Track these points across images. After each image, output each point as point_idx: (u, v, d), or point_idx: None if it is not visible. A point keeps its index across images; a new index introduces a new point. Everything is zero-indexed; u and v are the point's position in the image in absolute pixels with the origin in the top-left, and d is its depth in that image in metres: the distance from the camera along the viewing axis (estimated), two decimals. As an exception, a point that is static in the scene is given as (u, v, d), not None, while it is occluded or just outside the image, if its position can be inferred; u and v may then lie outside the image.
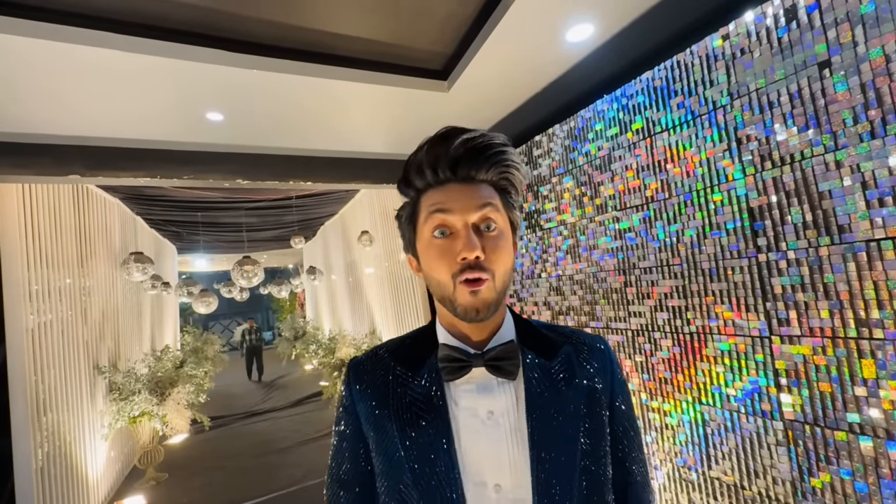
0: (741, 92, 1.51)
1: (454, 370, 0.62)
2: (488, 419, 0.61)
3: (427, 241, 0.62)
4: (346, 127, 2.76)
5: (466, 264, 0.58)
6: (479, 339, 0.65)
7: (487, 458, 0.60)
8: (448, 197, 0.61)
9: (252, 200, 4.99)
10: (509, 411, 0.62)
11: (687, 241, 1.72)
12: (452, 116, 2.70)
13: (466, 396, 0.63)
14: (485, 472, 0.60)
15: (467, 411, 0.62)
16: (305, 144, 2.97)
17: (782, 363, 1.43)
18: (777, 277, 1.43)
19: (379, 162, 3.41)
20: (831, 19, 1.27)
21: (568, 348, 0.69)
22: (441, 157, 0.61)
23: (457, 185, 0.62)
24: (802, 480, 1.39)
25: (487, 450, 0.60)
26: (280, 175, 3.05)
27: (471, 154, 0.61)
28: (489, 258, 0.59)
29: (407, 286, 4.67)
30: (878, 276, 1.20)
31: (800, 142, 1.36)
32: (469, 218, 0.60)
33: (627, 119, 1.95)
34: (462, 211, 0.60)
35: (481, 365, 0.62)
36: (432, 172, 0.63)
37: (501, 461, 0.60)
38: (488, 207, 0.61)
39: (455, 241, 0.60)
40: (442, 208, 0.61)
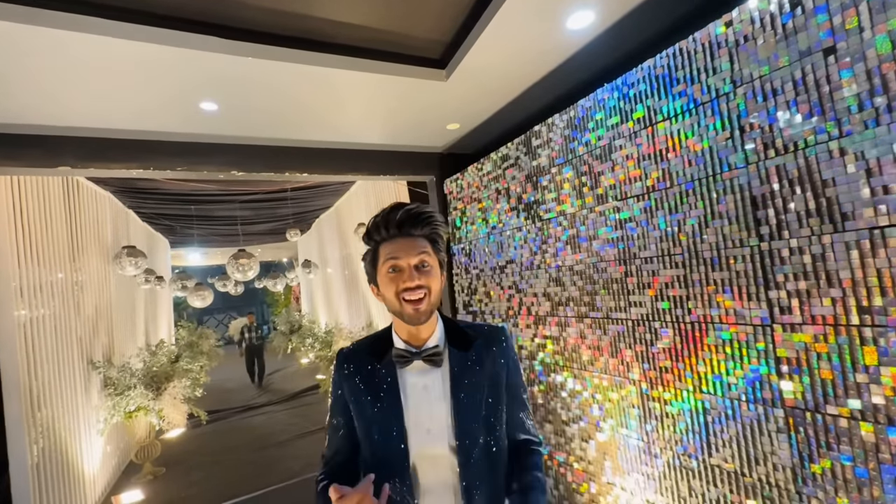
0: (744, 79, 1.50)
1: (403, 362, 1.03)
2: (424, 390, 1.02)
3: (384, 275, 1.00)
4: (343, 118, 2.72)
5: (407, 289, 0.96)
6: (418, 341, 1.05)
7: (422, 412, 1.01)
8: (397, 248, 0.98)
9: (247, 193, 4.94)
10: (436, 385, 1.02)
11: (688, 231, 1.71)
12: (450, 106, 2.68)
13: (410, 376, 1.03)
14: (422, 421, 1.00)
15: (412, 386, 1.02)
16: (301, 136, 2.92)
17: (784, 351, 1.43)
18: (779, 266, 1.43)
19: (375, 153, 3.37)
20: (837, 5, 1.26)
21: (479, 341, 1.08)
22: (392, 222, 0.99)
23: (402, 238, 1.00)
24: (803, 466, 1.40)
25: (423, 407, 1.01)
26: (275, 166, 3.01)
27: (411, 219, 0.99)
28: (426, 282, 0.98)
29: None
30: (882, 263, 1.20)
31: (804, 129, 1.35)
32: (411, 261, 0.97)
33: (628, 108, 1.93)
34: (406, 257, 0.98)
35: (419, 359, 1.03)
36: (386, 231, 1.00)
37: (432, 414, 1.01)
38: (423, 254, 0.99)
39: (401, 275, 0.98)
40: (393, 256, 0.99)
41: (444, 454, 0.99)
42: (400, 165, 3.49)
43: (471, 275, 3.27)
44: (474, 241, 3.20)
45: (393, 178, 3.60)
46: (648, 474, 1.95)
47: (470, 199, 3.23)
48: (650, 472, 1.94)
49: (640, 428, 1.97)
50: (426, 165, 3.60)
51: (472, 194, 3.22)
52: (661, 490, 1.89)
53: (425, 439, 0.99)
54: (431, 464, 0.99)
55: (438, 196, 3.62)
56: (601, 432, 2.19)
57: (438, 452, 0.99)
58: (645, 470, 1.96)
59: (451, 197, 3.53)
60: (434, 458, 0.99)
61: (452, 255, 3.51)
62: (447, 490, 0.99)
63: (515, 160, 2.70)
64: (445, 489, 0.99)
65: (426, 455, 0.99)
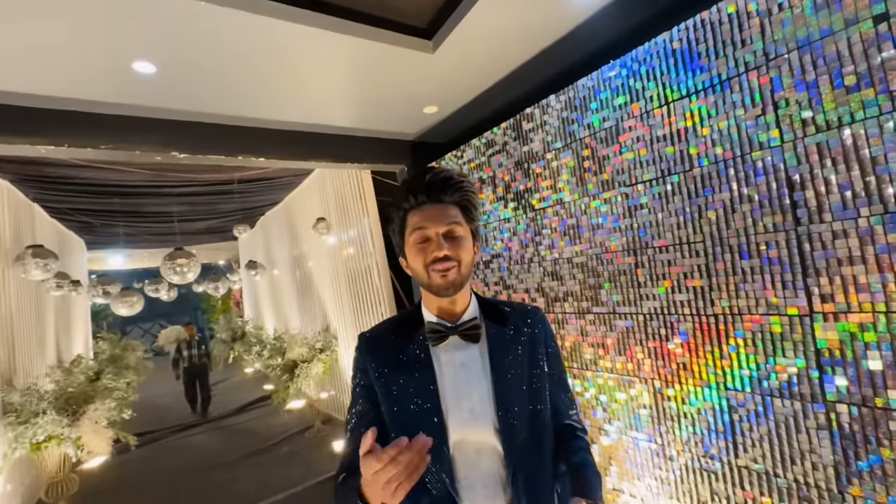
0: (779, 51, 1.39)
1: (437, 338, 0.92)
2: (462, 368, 0.91)
3: (411, 246, 0.91)
4: (306, 92, 2.37)
5: (435, 259, 0.87)
6: (452, 316, 0.94)
7: (461, 390, 0.90)
8: (426, 217, 0.89)
9: (183, 184, 4.34)
10: (475, 362, 0.92)
11: (711, 217, 1.60)
12: (432, 85, 2.42)
13: (445, 353, 0.92)
14: (460, 399, 0.89)
15: (447, 364, 0.92)
16: (256, 113, 2.53)
17: (825, 342, 1.34)
18: (820, 251, 1.34)
19: (340, 138, 3.03)
20: (890, -32, 1.17)
21: (516, 317, 0.99)
22: (420, 187, 0.91)
23: (431, 205, 0.91)
24: (847, 465, 1.31)
25: (461, 385, 0.90)
26: (226, 148, 2.58)
27: (440, 184, 0.91)
28: (456, 252, 0.88)
29: (367, 278, 4.32)
30: (942, 244, 1.12)
31: (850, 104, 1.26)
32: (440, 230, 0.88)
33: (640, 86, 1.80)
34: (435, 226, 0.89)
35: (455, 334, 0.92)
36: (414, 198, 0.91)
37: (471, 391, 0.90)
38: (453, 223, 0.90)
39: (429, 245, 0.89)
40: (421, 225, 0.89)
41: (488, 436, 0.89)
42: (368, 153, 3.17)
43: (449, 271, 3.03)
44: (453, 234, 2.97)
45: (360, 166, 3.27)
46: (662, 478, 1.82)
47: (448, 190, 2.99)
48: (664, 476, 1.81)
49: (654, 429, 1.84)
50: (396, 154, 3.30)
51: (450, 184, 2.98)
52: (677, 495, 1.77)
53: (467, 420, 0.88)
54: (474, 448, 0.88)
55: (410, 187, 3.34)
56: (605, 435, 2.04)
57: (481, 435, 0.89)
58: (658, 474, 1.83)
59: (424, 188, 3.26)
60: (476, 443, 0.89)
61: (428, 250, 3.25)
62: (491, 478, 0.88)
63: (503, 146, 2.50)
64: (489, 476, 0.88)
65: (468, 439, 0.89)
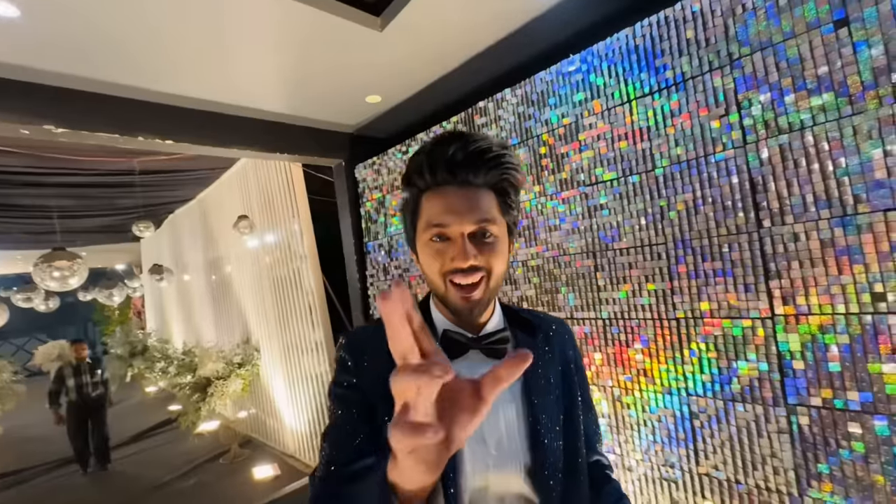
0: (742, 52, 1.38)
1: (454, 353, 0.68)
2: None
3: (425, 242, 0.67)
4: (227, 65, 2.03)
5: (457, 270, 0.64)
6: (472, 326, 0.71)
7: (486, 422, 0.64)
8: (447, 208, 0.65)
9: (68, 172, 3.62)
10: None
11: (674, 218, 1.56)
12: (377, 69, 2.20)
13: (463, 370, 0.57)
14: (485, 433, 0.66)
15: None
16: (163, 85, 2.12)
17: (787, 345, 1.33)
18: (783, 254, 1.33)
19: (269, 125, 2.68)
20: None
21: (544, 328, 0.79)
22: (440, 161, 0.65)
23: (456, 189, 0.66)
24: (807, 468, 1.30)
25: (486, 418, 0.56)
26: (122, 126, 2.13)
27: (470, 159, 0.65)
28: (487, 261, 0.65)
29: (295, 285, 3.92)
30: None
31: (811, 107, 1.26)
32: (466, 229, 0.64)
33: (601, 82, 1.73)
34: (459, 223, 0.64)
35: (478, 348, 0.69)
36: (431, 176, 0.67)
37: (498, 423, 0.67)
38: (485, 223, 0.65)
39: (450, 247, 0.65)
40: (439, 221, 0.65)
41: (516, 482, 0.66)
42: (300, 143, 2.84)
43: (391, 276, 2.80)
44: (396, 236, 2.75)
45: (290, 157, 2.93)
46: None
47: (392, 188, 2.77)
48: (623, 487, 1.74)
49: (612, 439, 1.77)
50: (333, 146, 3.01)
51: (393, 181, 2.76)
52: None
53: (494, 460, 0.65)
54: (496, 499, 0.65)
55: (348, 184, 3.07)
56: (561, 448, 1.94)
57: (509, 480, 0.66)
58: (617, 486, 1.76)
59: (364, 185, 3.01)
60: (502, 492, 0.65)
61: (367, 252, 3.00)
62: None
63: (453, 141, 2.34)
64: None
65: (491, 486, 0.65)
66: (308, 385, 3.90)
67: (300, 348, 3.96)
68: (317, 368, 3.77)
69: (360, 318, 3.05)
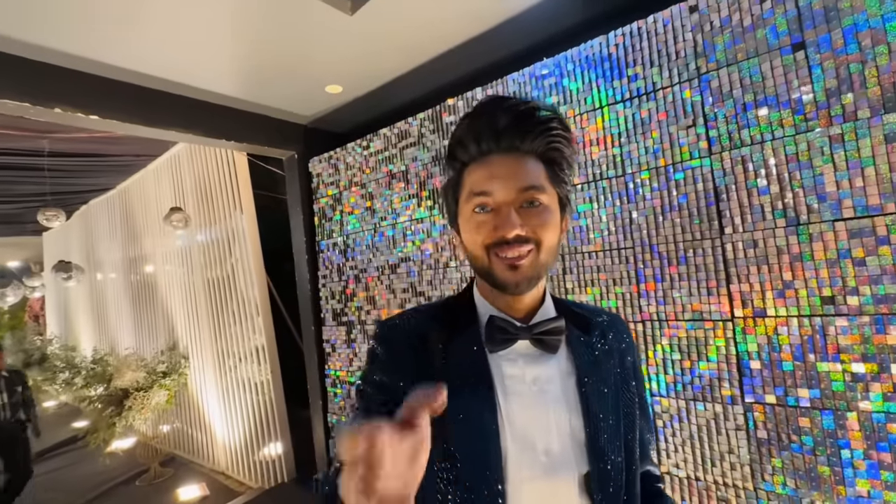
0: (710, 67, 1.45)
1: (501, 341, 0.62)
2: (534, 385, 0.62)
3: (468, 216, 0.62)
4: (173, 36, 1.82)
5: (502, 239, 0.58)
6: (521, 312, 0.65)
7: (535, 422, 0.60)
8: (491, 174, 0.60)
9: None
10: (553, 380, 0.63)
11: (642, 222, 1.60)
12: (342, 56, 2.08)
13: (510, 365, 0.63)
14: (534, 436, 0.60)
15: (513, 378, 0.62)
16: (90, 51, 1.84)
17: (744, 346, 1.40)
18: (743, 259, 1.41)
19: (215, 108, 2.45)
20: (806, 2, 1.29)
21: (599, 324, 0.71)
22: (484, 128, 0.61)
23: (500, 157, 0.61)
24: (762, 462, 1.38)
25: (535, 415, 0.61)
26: (32, 93, 1.82)
27: (515, 123, 0.60)
28: (534, 231, 0.59)
29: (234, 286, 3.60)
30: (844, 255, 1.24)
31: (770, 121, 1.35)
32: (511, 197, 0.59)
33: (574, 87, 1.75)
34: (504, 191, 0.59)
35: (527, 338, 0.63)
36: (475, 145, 0.62)
37: (549, 425, 0.60)
38: (532, 190, 0.60)
39: (494, 217, 0.59)
40: (483, 190, 0.60)
41: (570, 495, 0.59)
42: (249, 131, 2.62)
43: (346, 276, 2.65)
44: (353, 234, 2.61)
45: (236, 145, 2.68)
46: (584, 493, 1.75)
47: (350, 184, 2.63)
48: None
49: (576, 442, 1.77)
50: (285, 137, 2.81)
51: (352, 177, 2.62)
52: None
53: (544, 467, 0.58)
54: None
55: (301, 178, 2.87)
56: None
57: (561, 492, 0.59)
58: (580, 489, 1.76)
59: (318, 181, 2.84)
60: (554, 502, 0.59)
61: (320, 251, 2.82)
62: None
63: (419, 138, 2.27)
64: None
65: (540, 498, 0.58)
66: (245, 394, 3.59)
67: (237, 355, 3.64)
68: (256, 376, 3.48)
69: (310, 320, 2.86)
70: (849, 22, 1.23)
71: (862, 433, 1.22)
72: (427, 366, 0.58)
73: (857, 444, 1.23)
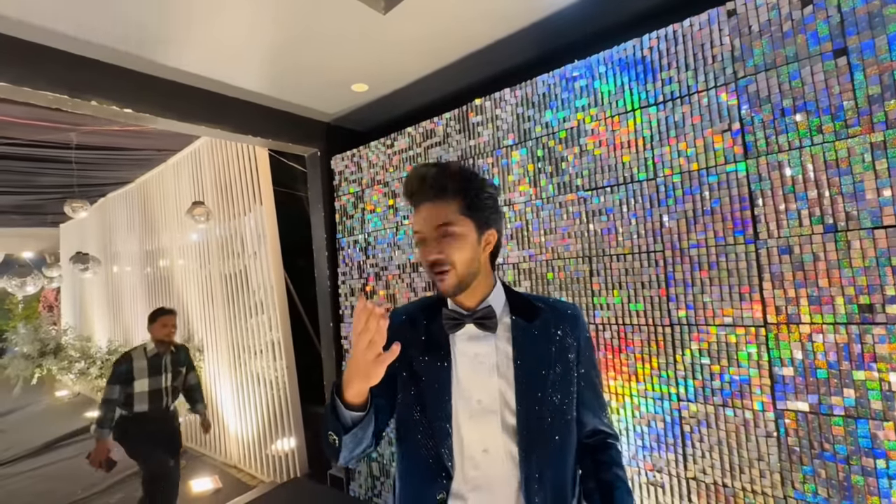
0: (748, 71, 1.45)
1: (452, 325, 0.91)
2: (475, 358, 0.91)
3: (415, 245, 0.93)
4: (215, 36, 1.84)
5: (428, 262, 0.87)
6: (470, 305, 0.93)
7: (472, 382, 0.89)
8: (419, 218, 0.89)
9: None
10: (490, 354, 0.90)
11: (672, 226, 1.60)
12: (371, 56, 2.10)
13: (462, 342, 0.92)
14: (471, 391, 0.89)
15: (462, 353, 0.91)
16: (128, 46, 1.88)
17: (777, 352, 1.39)
18: (778, 265, 1.40)
19: (241, 105, 2.49)
20: (849, 7, 1.28)
21: (547, 313, 0.95)
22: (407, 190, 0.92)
23: (427, 204, 0.89)
24: (792, 470, 1.37)
25: (473, 377, 0.90)
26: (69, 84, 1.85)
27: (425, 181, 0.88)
28: (448, 254, 0.85)
29: (251, 280, 3.63)
30: (884, 262, 1.23)
31: (810, 127, 1.34)
32: (431, 232, 0.87)
33: (605, 90, 1.75)
34: (426, 228, 0.88)
35: (470, 322, 0.91)
36: (408, 199, 0.93)
37: (482, 385, 0.89)
38: (446, 226, 0.86)
39: (423, 246, 0.89)
40: (415, 229, 0.90)
41: (498, 436, 0.86)
42: (275, 127, 2.65)
43: (367, 274, 2.67)
44: (375, 232, 2.63)
45: (262, 141, 2.71)
46: (606, 496, 1.75)
47: (373, 182, 2.65)
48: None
49: (599, 445, 1.76)
50: (308, 134, 2.84)
51: (374, 175, 2.64)
52: (621, 512, 1.71)
53: (476, 412, 0.88)
54: (481, 448, 0.86)
55: (323, 175, 2.90)
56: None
57: (491, 433, 0.87)
58: (602, 492, 1.75)
59: (340, 178, 2.86)
60: (484, 441, 0.86)
61: (340, 248, 2.84)
62: (503, 483, 0.85)
63: (444, 138, 2.28)
64: (500, 481, 0.85)
65: (475, 435, 0.87)
66: (260, 389, 3.62)
67: (253, 349, 3.67)
68: (271, 372, 3.50)
69: (328, 316, 2.88)
70: (893, 28, 1.22)
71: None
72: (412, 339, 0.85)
73: (894, 454, 1.22)
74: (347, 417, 0.75)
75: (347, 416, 0.75)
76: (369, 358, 0.68)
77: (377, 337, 0.68)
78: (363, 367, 0.69)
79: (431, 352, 0.92)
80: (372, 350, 0.68)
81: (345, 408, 0.75)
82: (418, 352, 0.93)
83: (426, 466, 0.87)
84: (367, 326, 0.67)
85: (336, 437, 0.76)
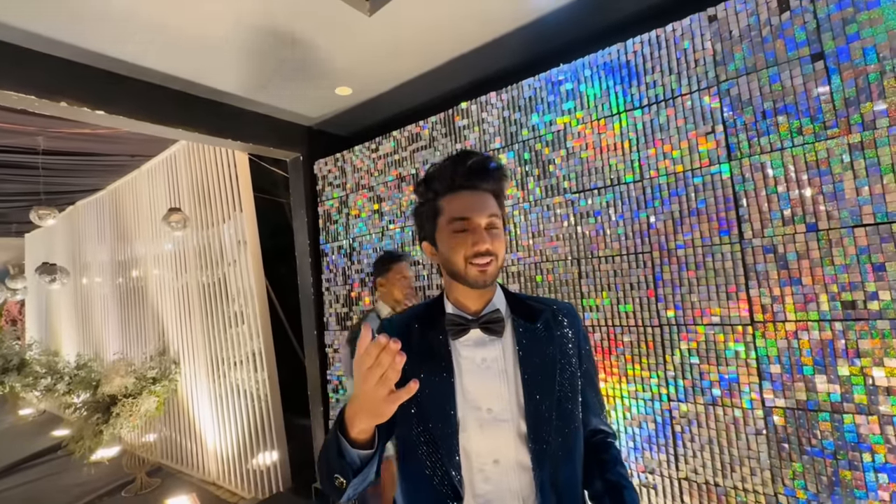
0: (730, 75, 1.48)
1: (458, 331, 0.86)
2: (482, 364, 0.86)
3: (448, 233, 0.85)
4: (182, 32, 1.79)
5: (479, 252, 0.82)
6: (475, 308, 0.89)
7: (481, 390, 0.84)
8: (467, 204, 0.84)
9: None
10: (497, 359, 0.86)
11: (660, 227, 1.61)
12: (354, 58, 2.07)
13: (466, 349, 0.87)
14: (479, 400, 0.83)
15: (467, 359, 0.86)
16: (98, 45, 1.80)
17: (764, 350, 1.41)
18: (763, 264, 1.42)
19: (220, 107, 2.41)
20: (825, 13, 1.32)
21: (547, 313, 0.92)
22: (461, 170, 0.86)
23: (470, 192, 0.86)
24: (782, 467, 1.38)
25: (481, 385, 0.84)
26: (38, 85, 1.77)
27: (482, 170, 0.86)
28: (496, 247, 0.84)
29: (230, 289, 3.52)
30: (864, 259, 1.26)
31: (790, 128, 1.38)
32: (482, 221, 0.84)
33: (591, 93, 1.77)
34: (478, 216, 0.84)
35: (476, 327, 0.86)
36: (451, 181, 0.86)
37: (491, 392, 0.84)
38: (494, 217, 0.85)
39: (471, 236, 0.83)
40: (462, 215, 0.84)
41: (510, 445, 0.82)
42: (255, 131, 2.59)
43: (352, 280, 2.62)
44: (360, 238, 2.58)
45: (242, 145, 2.64)
46: (598, 500, 1.73)
47: (357, 187, 2.61)
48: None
49: (591, 448, 1.75)
50: (290, 138, 2.78)
51: (359, 180, 2.60)
52: (614, 516, 1.69)
53: (487, 422, 0.82)
54: (492, 459, 0.81)
55: (305, 180, 2.84)
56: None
57: (503, 443, 0.82)
58: (594, 495, 1.74)
59: (323, 182, 2.81)
60: (495, 452, 0.82)
61: (324, 254, 2.78)
62: (515, 494, 0.81)
63: (430, 141, 2.27)
64: (513, 492, 0.81)
65: (485, 447, 0.82)
66: (240, 401, 3.50)
67: (232, 360, 3.55)
68: (252, 383, 3.39)
69: (312, 324, 2.80)
70: (868, 33, 1.26)
71: (883, 437, 1.23)
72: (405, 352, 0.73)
73: (879, 447, 1.24)
74: (355, 457, 0.69)
75: (355, 456, 0.69)
76: (380, 395, 0.61)
77: (391, 373, 0.61)
78: (372, 404, 0.63)
79: (429, 363, 0.85)
80: (384, 386, 0.61)
81: (350, 446, 0.68)
82: (415, 364, 0.84)
83: (431, 487, 0.81)
84: (380, 361, 0.60)
85: (343, 480, 0.69)
